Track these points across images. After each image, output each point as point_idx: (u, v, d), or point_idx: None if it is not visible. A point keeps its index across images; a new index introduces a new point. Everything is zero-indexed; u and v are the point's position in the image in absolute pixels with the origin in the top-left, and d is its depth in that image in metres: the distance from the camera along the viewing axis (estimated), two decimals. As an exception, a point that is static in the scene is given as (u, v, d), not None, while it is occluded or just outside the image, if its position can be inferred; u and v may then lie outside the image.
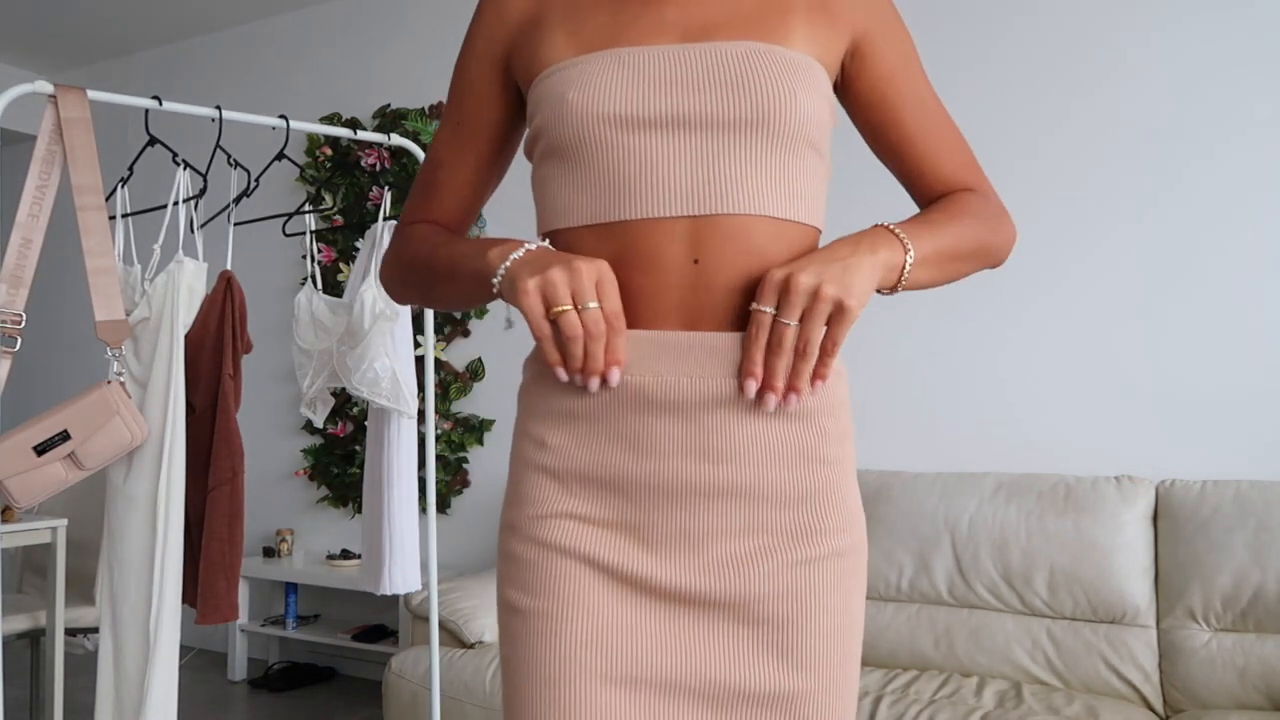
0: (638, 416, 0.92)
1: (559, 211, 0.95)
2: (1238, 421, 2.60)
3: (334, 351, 2.44)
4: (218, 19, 4.44)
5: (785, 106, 0.91)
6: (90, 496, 3.08)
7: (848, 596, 0.95)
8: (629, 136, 0.91)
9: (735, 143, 0.91)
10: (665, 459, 0.91)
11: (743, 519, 0.92)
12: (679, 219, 0.90)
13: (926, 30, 3.04)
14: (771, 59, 0.92)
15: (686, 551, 0.92)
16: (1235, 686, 2.27)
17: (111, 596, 2.10)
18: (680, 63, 0.92)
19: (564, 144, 0.93)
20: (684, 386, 0.91)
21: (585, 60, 0.93)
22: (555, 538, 0.93)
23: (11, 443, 1.91)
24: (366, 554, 2.53)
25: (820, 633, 0.92)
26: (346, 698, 3.73)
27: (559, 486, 0.94)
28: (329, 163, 4.09)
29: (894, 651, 2.59)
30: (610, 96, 0.91)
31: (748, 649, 0.92)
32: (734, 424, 0.91)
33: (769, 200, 0.91)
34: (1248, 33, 2.63)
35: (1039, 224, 2.86)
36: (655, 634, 0.92)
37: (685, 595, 0.92)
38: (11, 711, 3.34)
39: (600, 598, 0.92)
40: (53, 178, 1.95)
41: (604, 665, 0.90)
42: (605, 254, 0.91)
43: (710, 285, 0.91)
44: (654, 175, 0.90)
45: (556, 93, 0.93)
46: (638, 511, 0.92)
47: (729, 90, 0.91)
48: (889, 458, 2.97)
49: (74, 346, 4.75)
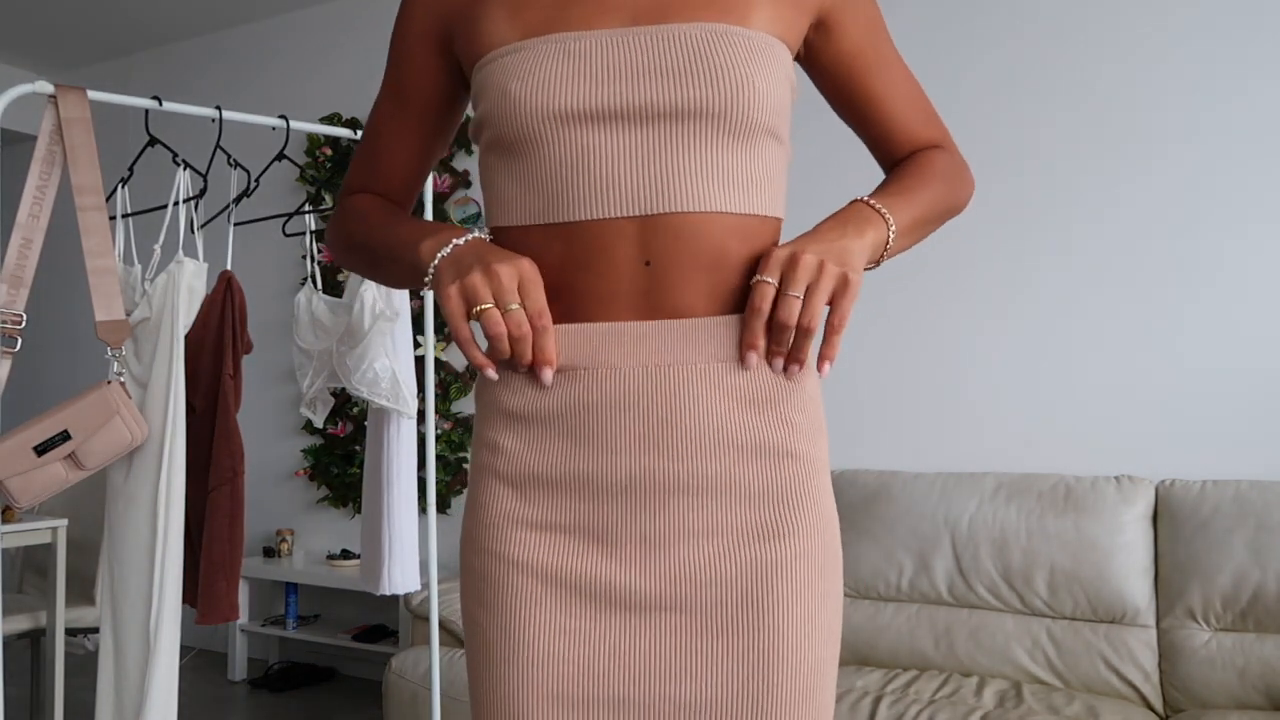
0: (589, 412, 0.87)
1: (505, 208, 0.91)
2: (1238, 421, 2.60)
3: (334, 351, 2.44)
4: (218, 19, 4.44)
5: (742, 94, 0.85)
6: (90, 496, 3.08)
7: (818, 604, 0.88)
8: (575, 132, 0.86)
9: (689, 135, 0.86)
10: (619, 455, 0.86)
11: (704, 518, 0.87)
12: (628, 219, 0.86)
13: (917, 29, 3.04)
14: (729, 41, 0.86)
15: (647, 555, 0.87)
16: (1235, 686, 2.27)
17: (112, 596, 2.10)
18: (629, 48, 0.86)
19: (508, 139, 0.88)
20: (638, 376, 0.86)
21: (528, 46, 0.88)
22: (509, 550, 0.89)
23: (11, 443, 1.91)
24: (366, 554, 2.53)
25: (787, 643, 0.86)
26: (346, 698, 3.73)
27: (513, 493, 0.90)
28: (329, 163, 4.09)
29: (894, 651, 2.59)
30: (554, 90, 0.85)
31: (710, 660, 0.86)
32: (693, 416, 0.86)
33: (725, 195, 0.87)
34: (1247, 27, 2.63)
35: (1039, 224, 2.86)
36: (613, 648, 0.87)
37: (646, 603, 0.87)
38: (11, 711, 3.34)
39: (554, 614, 0.87)
40: (53, 178, 1.95)
41: (556, 686, 0.86)
42: (553, 254, 0.88)
43: (664, 286, 0.87)
44: (601, 173, 0.86)
45: (499, 84, 0.88)
46: (594, 513, 0.88)
47: (682, 78, 0.85)
48: (889, 458, 2.97)
49: (74, 346, 4.75)
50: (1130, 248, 2.75)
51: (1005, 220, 2.91)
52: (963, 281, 2.96)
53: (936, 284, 2.98)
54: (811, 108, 1.28)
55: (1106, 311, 2.77)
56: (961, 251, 2.95)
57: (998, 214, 2.91)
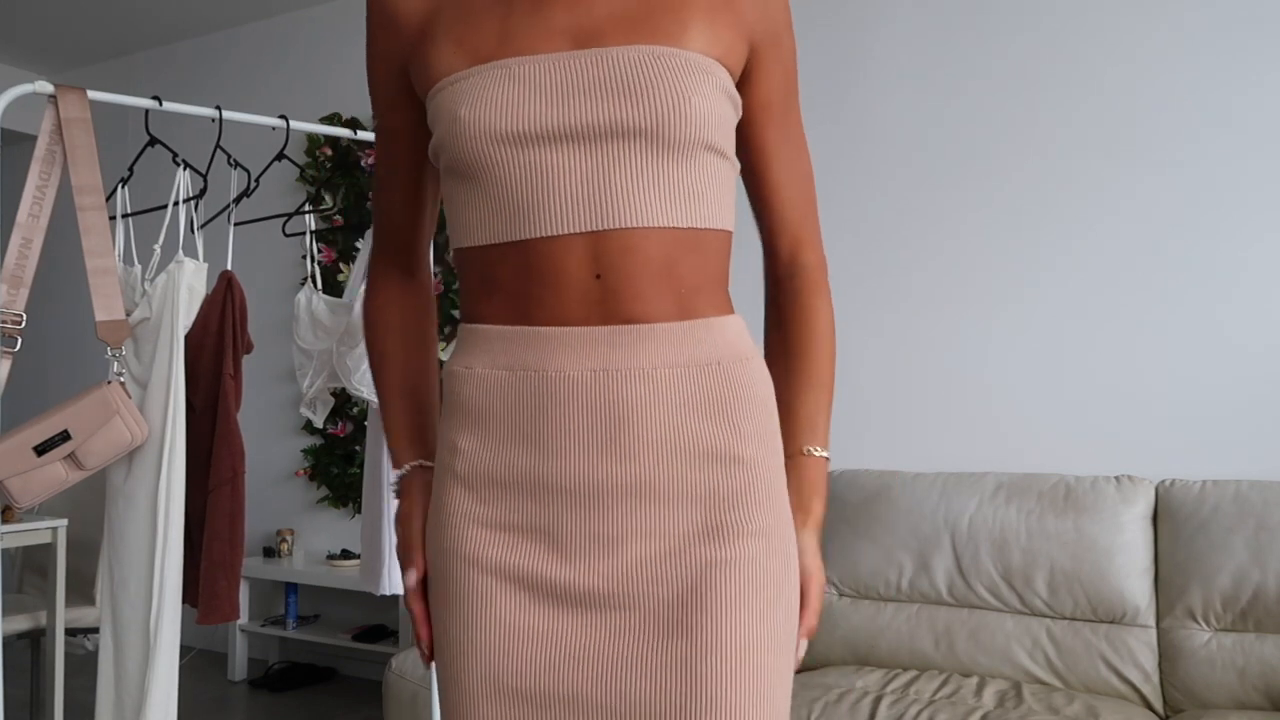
0: (541, 415, 0.90)
1: (464, 229, 0.94)
2: (1238, 421, 2.60)
3: (334, 351, 2.44)
4: (218, 19, 4.44)
5: (678, 112, 0.88)
6: (90, 496, 3.08)
7: (764, 608, 0.89)
8: (523, 153, 0.89)
9: (630, 153, 0.89)
10: (570, 458, 0.89)
11: (652, 520, 0.89)
12: (577, 235, 0.89)
13: (925, 30, 3.04)
14: (665, 62, 0.89)
15: (596, 556, 0.89)
16: (1235, 686, 2.27)
17: (112, 596, 2.10)
18: (569, 71, 0.89)
19: (461, 163, 0.91)
20: (587, 380, 0.89)
21: (476, 73, 0.91)
22: (467, 549, 0.92)
23: (11, 443, 1.91)
24: (366, 554, 2.53)
25: (727, 645, 0.87)
26: (346, 698, 3.73)
27: (470, 494, 0.93)
28: (329, 163, 4.09)
29: (894, 651, 2.59)
30: (501, 114, 0.89)
31: (654, 659, 0.88)
32: (641, 420, 0.89)
33: (668, 211, 0.89)
34: (1255, 29, 2.63)
35: (1040, 225, 2.86)
36: (566, 646, 0.89)
37: (596, 602, 0.89)
38: (11, 711, 3.34)
39: (510, 611, 0.90)
40: (53, 178, 1.95)
41: (511, 681, 0.90)
42: (509, 270, 0.91)
43: (616, 297, 0.89)
44: (549, 192, 0.89)
45: (449, 110, 0.91)
46: (547, 515, 0.91)
47: (620, 98, 0.88)
48: (889, 458, 2.97)
49: (74, 346, 4.75)
50: (1130, 249, 2.75)
51: (1006, 221, 2.91)
52: (963, 283, 2.96)
53: (937, 285, 2.98)
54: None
55: (1107, 311, 2.77)
56: (962, 252, 2.95)
57: (999, 215, 2.91)
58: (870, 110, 3.11)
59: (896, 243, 3.03)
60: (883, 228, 3.05)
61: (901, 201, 3.05)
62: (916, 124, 3.04)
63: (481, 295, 0.94)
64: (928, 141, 3.02)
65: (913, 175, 3.04)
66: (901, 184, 3.05)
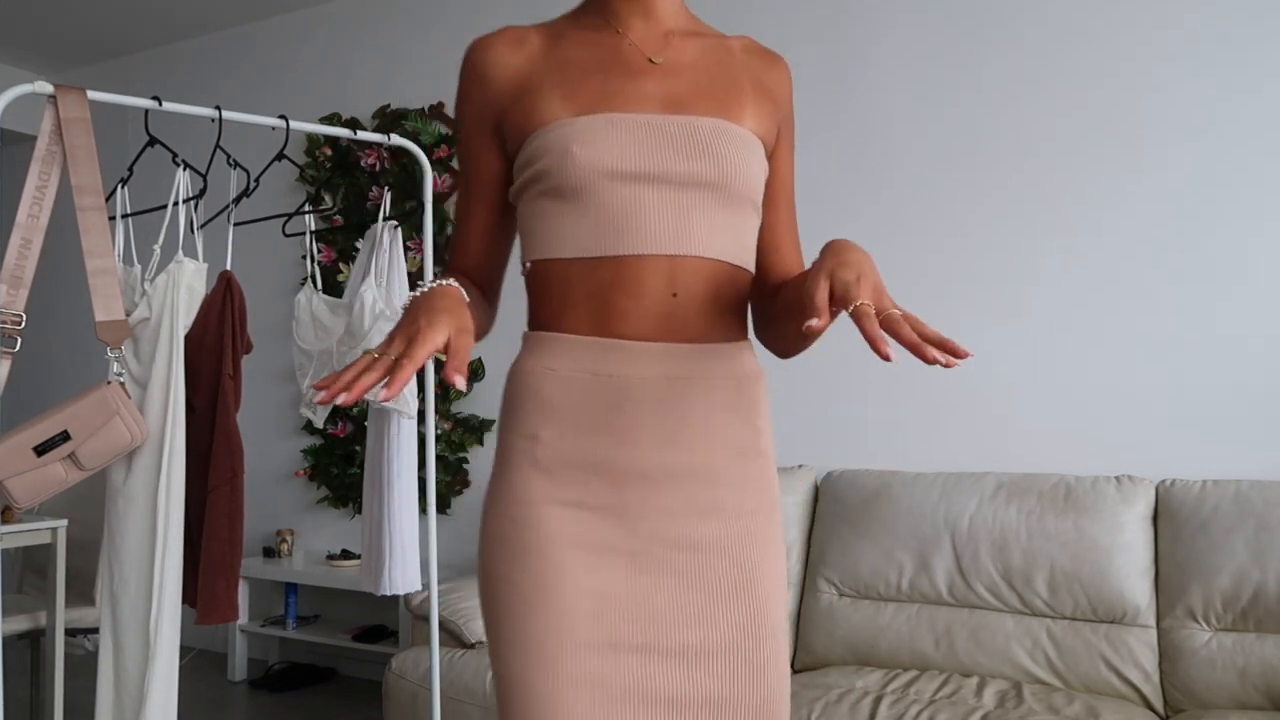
0: (618, 411, 1.10)
1: (554, 243, 1.12)
2: (1238, 421, 2.60)
3: (334, 351, 2.44)
4: (218, 19, 4.44)
5: (739, 174, 1.12)
6: (90, 496, 3.08)
7: (780, 565, 1.17)
8: (621, 186, 1.09)
9: (702, 199, 1.11)
10: (642, 446, 1.10)
11: (706, 498, 1.12)
12: (660, 256, 1.10)
13: (927, 31, 3.04)
14: (730, 135, 1.13)
15: (660, 526, 1.10)
16: (1235, 686, 2.27)
17: (111, 596, 2.10)
18: (661, 130, 1.11)
19: (566, 187, 1.10)
20: (660, 385, 1.10)
21: (585, 120, 1.11)
22: (544, 524, 1.09)
23: (11, 443, 1.91)
24: (366, 554, 2.53)
25: (767, 591, 1.13)
26: (346, 698, 3.73)
27: (548, 478, 1.10)
28: (329, 163, 4.09)
29: (894, 651, 2.59)
30: (608, 152, 1.09)
31: (712, 608, 1.10)
32: (698, 419, 1.12)
33: (725, 248, 1.13)
34: (1256, 27, 2.63)
35: (1040, 225, 2.86)
36: (631, 602, 1.09)
37: (659, 566, 1.09)
38: (11, 711, 3.34)
39: (582, 573, 1.08)
40: (53, 178, 1.95)
41: (586, 633, 1.06)
42: (596, 283, 1.11)
43: (685, 312, 1.11)
44: (641, 219, 1.10)
45: (561, 145, 1.10)
46: (618, 494, 1.10)
47: (698, 157, 1.11)
48: (889, 458, 2.97)
49: (74, 346, 4.75)
50: (1130, 249, 2.75)
51: (1006, 221, 2.91)
52: (964, 282, 2.96)
53: (937, 285, 2.98)
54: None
55: (1107, 311, 2.77)
56: (961, 252, 2.95)
57: (1000, 215, 2.91)
58: (870, 112, 3.11)
59: (896, 243, 3.03)
60: (882, 228, 3.05)
61: (901, 202, 3.05)
62: (916, 124, 3.04)
63: (562, 307, 1.13)
64: (927, 142, 3.02)
65: (912, 176, 3.04)
66: (901, 185, 3.05)
